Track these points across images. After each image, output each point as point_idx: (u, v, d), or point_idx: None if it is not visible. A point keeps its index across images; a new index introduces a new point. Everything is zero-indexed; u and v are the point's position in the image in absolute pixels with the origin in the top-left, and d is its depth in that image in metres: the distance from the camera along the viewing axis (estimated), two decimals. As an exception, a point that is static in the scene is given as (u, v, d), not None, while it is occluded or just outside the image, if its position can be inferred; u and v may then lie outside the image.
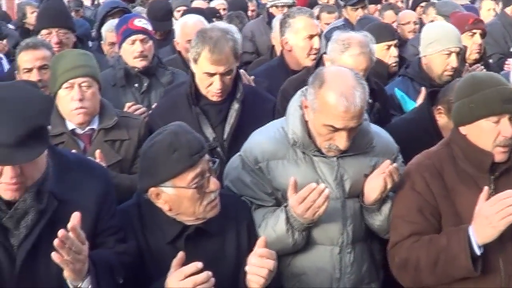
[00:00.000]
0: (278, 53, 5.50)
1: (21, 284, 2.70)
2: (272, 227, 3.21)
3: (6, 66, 6.30)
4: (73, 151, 3.46)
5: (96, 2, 14.17)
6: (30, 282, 2.71)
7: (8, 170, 2.56)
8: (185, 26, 5.44)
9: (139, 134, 3.89)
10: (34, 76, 4.38)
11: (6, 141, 2.47)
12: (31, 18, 9.25)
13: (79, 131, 3.83)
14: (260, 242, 2.93)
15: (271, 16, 7.58)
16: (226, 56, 3.86)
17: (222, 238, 3.10)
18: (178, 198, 2.94)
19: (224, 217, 3.08)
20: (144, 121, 4.04)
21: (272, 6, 7.88)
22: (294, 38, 5.06)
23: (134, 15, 5.18)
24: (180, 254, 2.81)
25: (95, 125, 3.85)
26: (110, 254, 2.84)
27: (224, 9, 8.94)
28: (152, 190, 2.96)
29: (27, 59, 4.49)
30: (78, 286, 2.66)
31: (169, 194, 2.94)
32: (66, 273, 2.59)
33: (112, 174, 3.43)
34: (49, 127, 2.99)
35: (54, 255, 2.49)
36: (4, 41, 8.38)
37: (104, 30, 6.06)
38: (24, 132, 2.49)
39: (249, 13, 9.75)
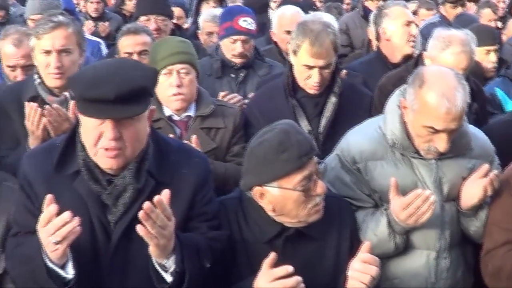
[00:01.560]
0: (375, 48, 5.44)
1: (115, 260, 2.74)
2: (373, 230, 3.15)
3: (105, 51, 6.41)
4: (170, 135, 3.49)
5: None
6: (123, 259, 2.74)
7: (108, 132, 2.59)
8: (282, 17, 5.43)
9: (235, 123, 3.90)
10: None
11: (109, 97, 2.53)
12: (129, 5, 9.50)
13: (175, 117, 3.86)
14: (364, 247, 2.82)
15: (366, 10, 7.55)
16: (326, 50, 3.84)
17: (322, 241, 3.02)
18: (283, 199, 2.87)
19: (327, 220, 2.99)
20: (240, 110, 4.04)
21: (367, -1, 7.85)
22: (392, 25, 5.05)
23: (240, 12, 5.04)
24: (272, 255, 2.74)
25: (191, 112, 3.87)
26: (199, 238, 2.82)
27: (320, 1, 8.92)
28: (256, 189, 2.90)
29: (128, 43, 4.58)
30: (163, 263, 2.66)
31: (274, 195, 2.88)
32: (151, 249, 2.59)
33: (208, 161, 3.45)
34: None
35: (139, 227, 2.50)
36: (107, 23, 8.60)
37: (202, 19, 6.07)
38: (127, 90, 2.56)
39: (344, 6, 9.70)
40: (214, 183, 3.11)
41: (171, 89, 3.77)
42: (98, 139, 2.62)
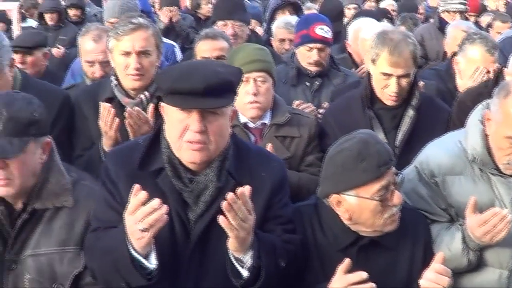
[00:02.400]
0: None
1: (193, 257, 2.78)
2: (447, 245, 3.12)
3: (179, 54, 6.46)
4: None
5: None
6: (201, 256, 2.79)
7: (194, 124, 2.66)
8: (359, 30, 5.42)
9: (310, 132, 3.88)
10: None
11: (198, 88, 2.61)
12: (204, 9, 9.61)
13: (251, 124, 3.87)
14: (438, 257, 2.85)
15: (442, 21, 7.45)
16: (405, 59, 3.81)
17: (396, 252, 3.03)
18: (360, 208, 2.89)
19: (401, 231, 3.00)
20: (315, 120, 4.03)
21: (443, 11, 7.73)
22: (464, 63, 4.78)
23: (316, 20, 5.07)
24: (347, 261, 2.78)
25: (267, 120, 3.87)
26: (276, 238, 2.86)
27: (393, 10, 8.86)
28: (334, 196, 2.93)
29: (205, 48, 4.62)
30: (240, 257, 2.70)
31: (351, 203, 2.90)
32: (230, 241, 2.63)
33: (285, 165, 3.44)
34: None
35: (221, 218, 2.55)
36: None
37: (275, 26, 6.11)
38: (215, 82, 2.64)
39: (418, 15, 9.61)
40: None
41: (247, 97, 3.77)
42: (183, 132, 2.69)
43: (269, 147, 3.56)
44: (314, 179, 3.62)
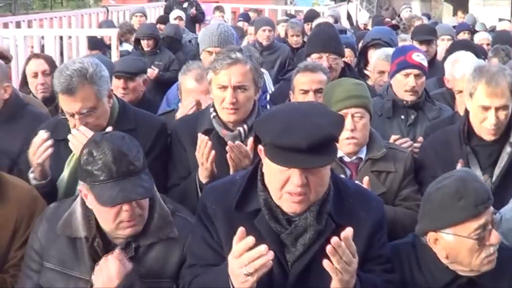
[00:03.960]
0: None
1: None
2: None
3: (268, 81, 6.29)
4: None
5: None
6: None
7: (295, 178, 2.64)
8: (456, 63, 5.34)
9: (405, 167, 3.89)
10: (309, 98, 4.50)
11: (301, 146, 2.56)
12: (291, 40, 9.70)
13: (346, 159, 3.88)
14: None
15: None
16: (502, 90, 3.79)
17: (493, 291, 3.01)
18: (457, 246, 2.90)
19: (499, 271, 2.98)
20: (410, 155, 4.04)
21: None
22: None
23: (413, 48, 5.20)
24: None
25: (362, 155, 3.89)
26: (377, 279, 2.86)
27: (487, 44, 8.75)
28: (431, 234, 2.95)
29: (304, 80, 4.65)
30: None
31: (448, 241, 2.91)
32: (334, 284, 2.62)
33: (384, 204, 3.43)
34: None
35: (325, 262, 2.53)
36: None
37: (375, 57, 6.08)
38: (318, 139, 2.58)
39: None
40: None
41: (344, 133, 3.72)
42: (284, 184, 2.68)
43: (365, 181, 3.57)
44: (409, 214, 3.67)
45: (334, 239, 2.53)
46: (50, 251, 3.17)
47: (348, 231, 2.56)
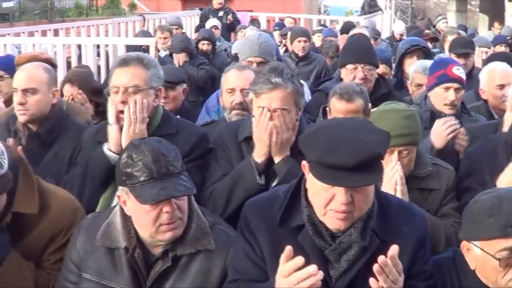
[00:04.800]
0: None
1: None
2: None
3: (306, 92, 6.15)
4: None
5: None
6: None
7: (340, 196, 2.63)
8: (493, 72, 5.38)
9: (448, 184, 3.85)
10: None
11: (346, 164, 2.55)
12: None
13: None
14: None
15: None
16: None
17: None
18: (483, 262, 2.86)
19: None
20: (453, 171, 3.97)
21: None
22: None
23: (453, 61, 5.19)
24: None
25: (409, 171, 3.84)
26: None
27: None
28: (464, 243, 2.94)
29: (339, 108, 4.44)
30: None
31: (476, 254, 2.88)
32: None
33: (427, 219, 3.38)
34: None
35: (371, 281, 2.55)
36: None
37: (412, 70, 6.07)
38: (365, 158, 2.57)
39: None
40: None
41: (389, 165, 3.66)
42: (329, 202, 2.67)
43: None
44: (448, 229, 3.68)
45: (381, 258, 2.53)
46: (88, 261, 3.19)
47: (394, 249, 2.57)
